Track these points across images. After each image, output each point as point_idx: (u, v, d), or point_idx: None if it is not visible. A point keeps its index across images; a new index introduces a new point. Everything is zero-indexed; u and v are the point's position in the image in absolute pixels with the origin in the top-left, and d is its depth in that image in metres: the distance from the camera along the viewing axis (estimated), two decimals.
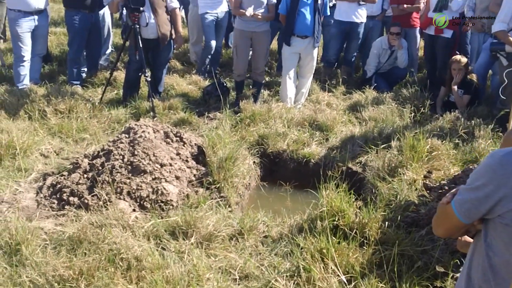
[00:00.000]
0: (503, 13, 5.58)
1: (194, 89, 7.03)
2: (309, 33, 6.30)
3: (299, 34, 6.32)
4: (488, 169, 1.68)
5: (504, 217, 1.66)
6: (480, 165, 1.74)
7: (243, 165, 5.03)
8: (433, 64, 7.60)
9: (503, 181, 1.63)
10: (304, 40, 6.36)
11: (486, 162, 1.71)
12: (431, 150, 5.14)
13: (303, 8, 6.22)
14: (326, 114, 6.24)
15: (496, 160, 1.66)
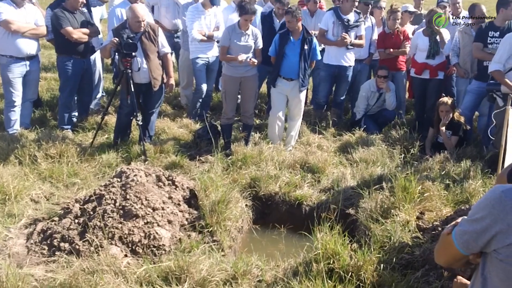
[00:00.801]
0: (498, 55, 5.75)
1: (185, 132, 7.05)
2: (294, 76, 6.41)
3: (285, 76, 6.45)
4: (487, 203, 1.72)
5: (499, 253, 1.68)
6: (482, 197, 1.77)
7: (236, 208, 5.01)
8: (423, 106, 7.73)
9: (500, 216, 1.66)
10: (290, 83, 6.47)
11: (487, 195, 1.74)
12: (423, 191, 5.18)
13: (290, 52, 6.36)
14: (317, 156, 6.28)
15: (496, 195, 1.69)
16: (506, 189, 1.68)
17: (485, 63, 6.75)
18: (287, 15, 6.27)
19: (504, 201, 1.66)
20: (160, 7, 8.21)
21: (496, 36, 6.64)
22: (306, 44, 6.31)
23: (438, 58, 7.35)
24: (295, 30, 6.32)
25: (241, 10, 6.18)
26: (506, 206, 1.65)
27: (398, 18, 7.78)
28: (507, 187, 1.69)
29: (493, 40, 6.69)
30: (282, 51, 6.38)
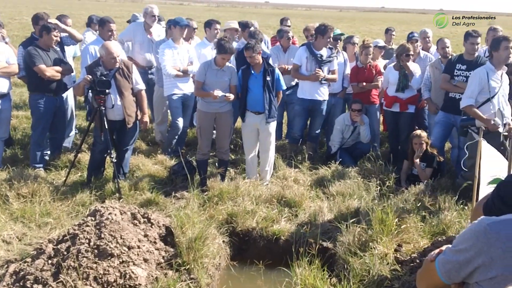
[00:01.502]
0: (470, 90, 5.85)
1: (160, 169, 6.98)
2: (261, 109, 6.45)
3: (252, 110, 6.49)
4: (472, 235, 1.73)
5: (481, 285, 1.68)
6: (467, 228, 1.78)
7: (213, 244, 4.94)
8: (396, 138, 7.84)
9: (484, 249, 1.66)
10: (258, 116, 6.51)
11: (472, 227, 1.75)
12: (400, 224, 5.19)
13: (253, 85, 6.43)
14: (294, 190, 6.26)
15: (481, 228, 1.70)
16: (491, 222, 1.69)
17: (451, 95, 6.93)
18: (247, 51, 6.32)
19: (489, 233, 1.66)
20: (134, 43, 8.24)
21: (463, 69, 6.82)
22: (268, 76, 6.38)
23: (408, 91, 7.50)
24: (256, 64, 6.40)
25: (219, 49, 6.23)
26: (490, 239, 1.65)
27: (370, 53, 7.95)
28: (492, 220, 1.70)
29: (459, 72, 6.88)
30: (245, 86, 6.44)
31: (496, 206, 2.34)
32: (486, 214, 2.39)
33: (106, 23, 7.25)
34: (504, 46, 5.80)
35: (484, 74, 5.85)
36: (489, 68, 5.91)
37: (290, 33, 8.17)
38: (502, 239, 1.64)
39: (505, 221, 1.69)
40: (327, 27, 7.35)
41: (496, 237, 1.65)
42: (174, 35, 7.31)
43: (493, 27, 8.01)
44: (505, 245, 1.63)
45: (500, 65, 5.93)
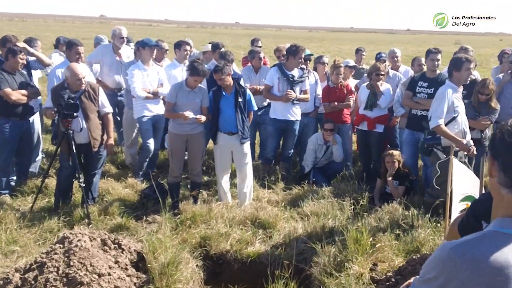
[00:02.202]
0: (439, 110, 5.85)
1: (131, 192, 6.83)
2: (234, 129, 6.40)
3: (224, 131, 6.43)
4: (438, 262, 1.68)
5: None
6: (432, 256, 1.74)
7: (186, 269, 4.82)
8: (368, 157, 7.87)
9: (452, 274, 1.62)
10: (231, 137, 6.45)
11: (436, 254, 1.71)
12: (374, 243, 5.18)
13: (225, 106, 6.39)
14: (268, 211, 6.20)
15: (445, 253, 1.66)
16: (454, 246, 1.65)
17: (413, 111, 7.02)
18: (216, 74, 6.28)
19: (454, 258, 1.63)
20: (103, 65, 8.14)
21: (424, 86, 6.93)
22: (240, 97, 6.35)
23: (376, 110, 7.52)
24: (227, 85, 6.36)
25: (192, 71, 6.18)
26: (457, 263, 1.61)
27: (341, 72, 8.01)
28: (454, 244, 1.66)
29: (421, 89, 6.99)
30: (217, 107, 6.40)
31: (470, 225, 2.33)
32: (461, 233, 2.38)
33: (73, 45, 7.14)
34: (466, 68, 5.89)
35: (450, 93, 5.93)
36: (452, 86, 5.98)
37: (261, 54, 8.20)
38: (468, 261, 1.60)
39: (467, 242, 1.66)
40: (298, 47, 7.38)
41: (462, 260, 1.60)
42: (143, 57, 7.24)
43: (464, 46, 8.17)
44: (472, 266, 1.60)
45: (459, 85, 6.01)
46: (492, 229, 1.68)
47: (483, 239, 1.65)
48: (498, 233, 1.65)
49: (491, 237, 1.65)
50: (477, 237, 1.67)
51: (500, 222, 1.68)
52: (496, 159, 1.66)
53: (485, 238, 1.66)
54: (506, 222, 1.66)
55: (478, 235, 1.69)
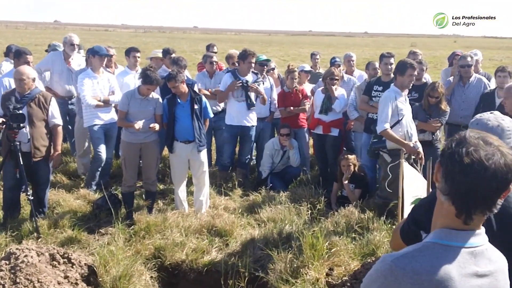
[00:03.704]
0: (384, 114, 5.93)
1: (83, 204, 6.62)
2: (191, 137, 6.31)
3: (181, 139, 6.33)
4: (379, 275, 1.69)
5: None
6: (373, 269, 1.74)
7: (139, 282, 4.71)
8: (324, 161, 7.89)
9: (394, 287, 1.62)
10: (187, 145, 6.35)
11: (377, 267, 1.72)
12: (330, 247, 5.17)
13: (181, 114, 6.28)
14: (224, 219, 6.12)
15: (386, 266, 1.67)
16: (395, 258, 1.67)
17: (370, 115, 7.11)
18: (170, 82, 6.18)
19: (395, 270, 1.64)
20: (53, 73, 7.92)
21: (380, 90, 7.01)
22: (196, 104, 6.27)
23: (331, 114, 7.55)
24: (182, 93, 6.27)
25: (145, 79, 6.05)
26: (398, 275, 1.63)
27: (296, 77, 8.01)
28: (395, 256, 1.68)
29: (376, 93, 7.07)
30: (172, 115, 6.28)
31: (411, 230, 2.33)
32: (403, 238, 2.38)
33: (22, 54, 6.92)
34: (409, 73, 5.99)
35: (393, 97, 6.01)
36: (395, 91, 6.07)
37: (213, 58, 8.11)
38: (409, 273, 1.61)
39: (407, 254, 1.68)
40: (246, 51, 7.36)
41: (403, 273, 1.62)
42: (93, 64, 7.07)
43: (413, 51, 8.30)
44: (413, 279, 1.61)
45: (403, 89, 6.10)
46: (431, 240, 1.71)
47: (423, 251, 1.67)
48: (437, 245, 1.67)
49: (430, 249, 1.67)
50: (417, 249, 1.69)
51: (439, 234, 1.70)
52: (442, 165, 1.67)
53: (425, 250, 1.68)
54: (445, 233, 1.69)
55: (418, 247, 1.70)
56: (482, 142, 1.61)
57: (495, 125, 2.43)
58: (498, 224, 2.32)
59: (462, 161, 1.58)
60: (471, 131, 1.69)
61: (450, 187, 1.63)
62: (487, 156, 1.57)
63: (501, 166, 1.57)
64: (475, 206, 1.62)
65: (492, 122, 2.44)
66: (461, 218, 1.64)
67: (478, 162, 1.56)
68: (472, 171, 1.56)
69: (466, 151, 1.58)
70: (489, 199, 1.61)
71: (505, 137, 2.41)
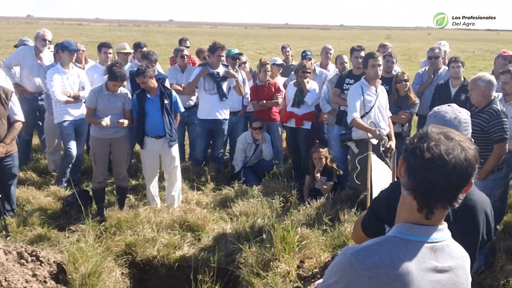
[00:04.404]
0: (351, 105, 6.02)
1: (53, 201, 6.54)
2: (161, 133, 6.27)
3: (151, 135, 6.29)
4: (339, 267, 1.70)
5: None
6: (334, 261, 1.76)
7: (109, 278, 4.68)
8: (297, 154, 7.92)
9: (352, 280, 1.65)
10: (158, 140, 6.31)
11: (337, 259, 1.73)
12: (301, 240, 5.21)
13: (150, 109, 6.23)
14: (197, 214, 6.12)
15: (346, 259, 1.68)
16: (355, 251, 1.67)
17: (342, 108, 7.17)
18: (139, 77, 6.11)
19: (355, 263, 1.65)
20: (23, 68, 7.74)
21: (351, 83, 7.05)
22: (165, 99, 6.23)
23: (303, 107, 7.58)
24: (151, 88, 6.22)
25: (110, 75, 5.98)
26: (357, 269, 1.64)
27: (268, 70, 8.02)
28: (356, 249, 1.68)
29: (348, 86, 7.12)
30: (142, 110, 6.23)
31: (372, 222, 2.36)
32: (364, 230, 2.41)
33: None
34: (371, 64, 6.05)
35: (359, 90, 6.07)
36: (363, 83, 6.14)
37: (184, 52, 8.05)
38: (367, 266, 1.62)
39: (368, 247, 1.69)
40: (215, 45, 7.32)
41: (362, 266, 1.63)
42: (62, 60, 6.95)
43: (383, 43, 8.35)
44: (371, 272, 1.62)
45: (372, 81, 6.16)
46: (393, 234, 1.72)
47: (383, 245, 1.68)
48: (398, 239, 1.69)
49: (391, 243, 1.69)
50: (378, 243, 1.70)
51: (400, 228, 1.71)
52: (405, 161, 1.68)
53: (385, 244, 1.69)
54: (406, 227, 1.70)
55: (379, 241, 1.72)
56: (444, 137, 1.62)
57: (453, 117, 2.46)
58: (454, 216, 2.36)
59: (423, 156, 1.59)
60: (433, 126, 1.70)
61: (412, 182, 1.64)
62: (447, 151, 1.58)
63: (461, 161, 1.58)
64: (436, 201, 1.63)
65: (449, 115, 2.47)
66: (422, 212, 1.65)
67: (439, 157, 1.57)
68: (432, 166, 1.58)
69: (427, 146, 1.59)
70: (450, 193, 1.63)
71: (462, 129, 2.45)
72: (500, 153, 4.97)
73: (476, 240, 2.41)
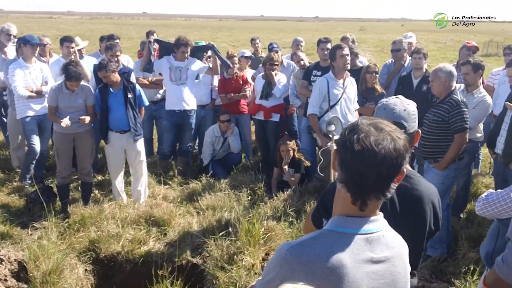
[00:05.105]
0: (312, 99, 6.06)
1: (16, 198, 6.43)
2: (125, 127, 6.20)
3: (115, 129, 6.22)
4: (276, 263, 1.68)
5: None
6: (271, 257, 1.72)
7: (71, 275, 4.61)
8: (266, 147, 7.92)
9: (288, 276, 1.62)
10: (123, 135, 6.24)
11: (274, 255, 1.71)
12: (267, 232, 5.21)
13: (114, 103, 6.15)
14: (163, 208, 6.06)
15: (282, 254, 1.65)
16: (290, 247, 1.65)
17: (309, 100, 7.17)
18: (100, 71, 6.01)
19: (290, 259, 1.62)
20: None
21: (318, 75, 7.06)
22: (129, 93, 6.15)
23: (272, 100, 7.56)
24: (114, 82, 6.13)
25: (65, 75, 5.85)
26: (292, 265, 1.62)
27: (236, 63, 7.98)
28: (291, 245, 1.66)
29: (315, 78, 7.12)
30: (105, 105, 6.14)
31: (321, 215, 2.36)
32: (314, 223, 2.41)
33: None
34: (340, 55, 6.07)
35: (324, 84, 6.09)
36: (329, 77, 6.16)
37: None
38: (303, 262, 1.60)
39: (303, 242, 1.67)
40: (179, 41, 7.26)
41: (297, 261, 1.61)
42: (25, 54, 6.80)
43: (344, 36, 8.35)
44: (306, 267, 1.60)
45: (340, 73, 6.17)
46: (328, 228, 1.70)
47: (318, 239, 1.66)
48: (333, 232, 1.67)
49: (326, 236, 1.67)
50: (313, 237, 1.68)
51: (336, 221, 1.70)
52: (338, 154, 1.68)
53: (320, 238, 1.67)
54: (341, 220, 1.69)
55: (314, 235, 1.70)
56: (373, 128, 1.61)
57: (402, 110, 2.47)
58: (401, 205, 2.38)
59: (353, 148, 1.58)
60: (363, 118, 1.70)
61: (345, 174, 1.63)
62: (376, 142, 1.57)
63: (390, 151, 1.57)
64: (369, 192, 1.62)
65: (398, 107, 2.48)
66: (356, 204, 1.64)
67: (368, 148, 1.56)
68: (362, 158, 1.57)
69: (357, 138, 1.59)
70: (382, 184, 1.62)
71: (411, 121, 2.46)
72: (460, 142, 5.03)
73: (424, 230, 2.43)
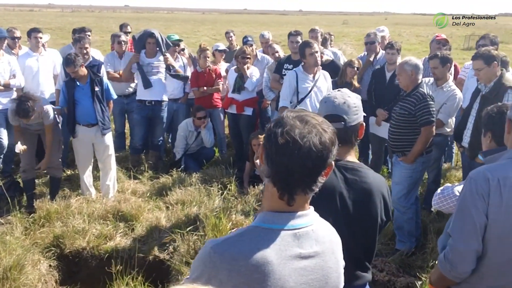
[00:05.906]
0: (282, 92, 6.05)
1: None
2: (93, 121, 6.12)
3: (83, 123, 6.13)
4: (200, 262, 1.63)
5: None
6: (197, 255, 1.68)
7: (33, 272, 4.54)
8: (239, 141, 7.87)
9: (212, 274, 1.58)
10: (91, 129, 6.17)
11: (199, 253, 1.66)
12: (235, 226, 5.18)
13: (81, 97, 6.07)
14: (131, 203, 6.00)
15: (206, 252, 1.61)
16: (215, 245, 1.61)
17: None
18: (69, 67, 5.90)
19: (213, 257, 1.58)
20: None
21: (290, 69, 7.03)
22: (96, 86, 6.07)
23: (244, 93, 7.51)
24: (81, 76, 6.03)
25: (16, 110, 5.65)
26: (216, 262, 1.57)
27: (208, 56, 7.91)
28: (216, 242, 1.62)
29: (287, 72, 7.08)
30: (72, 98, 6.06)
31: None
32: None
33: None
34: (309, 53, 6.05)
35: (293, 77, 6.08)
36: (299, 70, 6.15)
37: (121, 38, 7.83)
38: (227, 259, 1.56)
39: (228, 240, 1.62)
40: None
41: (221, 259, 1.56)
42: None
43: (312, 28, 8.30)
44: (230, 264, 1.55)
45: (311, 69, 6.15)
46: (254, 224, 1.66)
47: (243, 236, 1.62)
48: (259, 229, 1.63)
49: (251, 233, 1.63)
50: (238, 234, 1.64)
51: (263, 217, 1.66)
52: (264, 148, 1.64)
53: (245, 234, 1.63)
54: (268, 216, 1.65)
55: (240, 232, 1.66)
56: (298, 122, 1.57)
57: (342, 102, 2.44)
58: (351, 199, 2.37)
59: (277, 141, 1.54)
60: (289, 111, 1.66)
61: (271, 168, 1.58)
62: (301, 134, 1.54)
63: (315, 144, 1.54)
64: (295, 186, 1.58)
65: (338, 100, 2.45)
66: (284, 199, 1.60)
67: (293, 141, 1.53)
68: (287, 151, 1.53)
69: (281, 131, 1.55)
70: (308, 178, 1.58)
71: (352, 113, 2.43)
72: (427, 135, 5.04)
73: (375, 222, 2.42)
